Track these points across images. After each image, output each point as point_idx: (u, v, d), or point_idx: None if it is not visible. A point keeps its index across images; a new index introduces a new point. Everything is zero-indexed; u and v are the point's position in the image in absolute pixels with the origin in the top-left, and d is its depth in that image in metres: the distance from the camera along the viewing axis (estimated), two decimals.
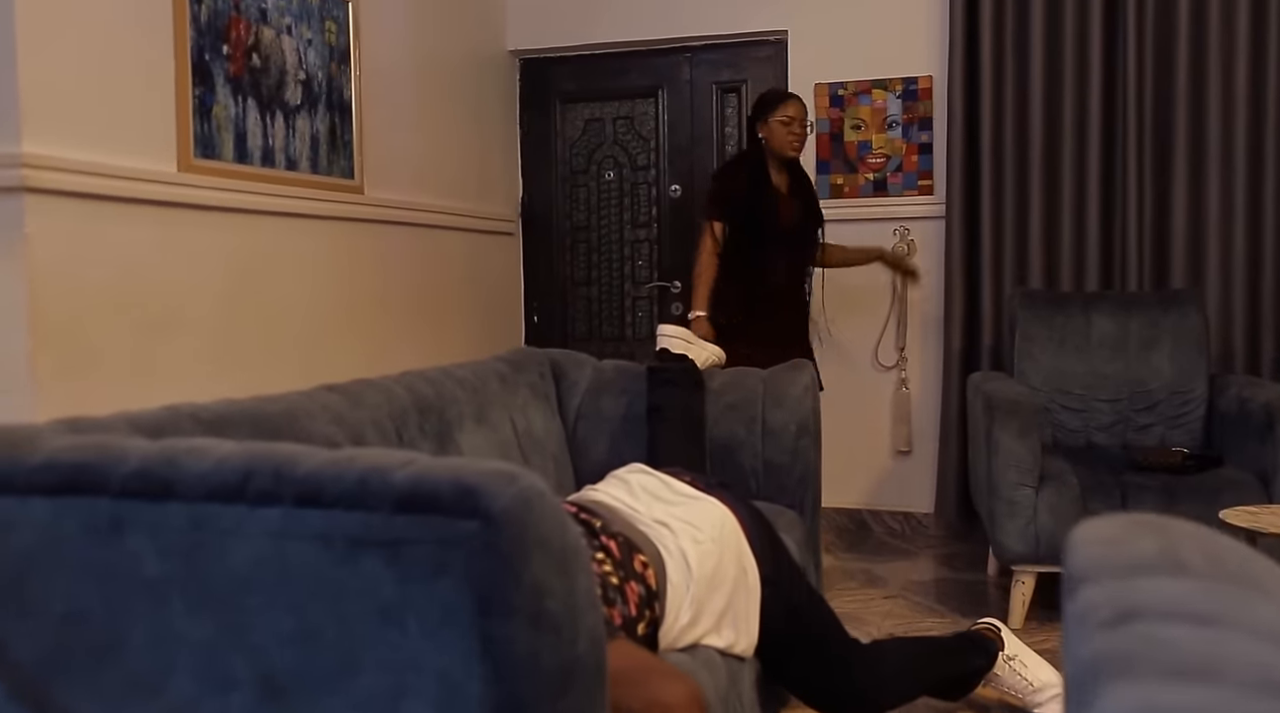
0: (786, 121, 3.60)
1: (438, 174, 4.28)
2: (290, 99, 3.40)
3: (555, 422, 2.88)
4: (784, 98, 3.66)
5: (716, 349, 2.98)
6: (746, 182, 3.62)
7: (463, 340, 4.42)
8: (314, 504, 1.17)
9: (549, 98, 4.91)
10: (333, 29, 3.61)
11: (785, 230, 3.60)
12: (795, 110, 3.62)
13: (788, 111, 3.60)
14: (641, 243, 4.85)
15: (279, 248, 3.32)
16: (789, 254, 3.65)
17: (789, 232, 3.61)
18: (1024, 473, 3.14)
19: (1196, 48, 3.95)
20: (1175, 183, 3.98)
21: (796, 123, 3.61)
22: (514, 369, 2.83)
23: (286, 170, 3.39)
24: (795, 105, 3.62)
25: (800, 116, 3.63)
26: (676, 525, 1.91)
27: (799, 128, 3.61)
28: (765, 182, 3.62)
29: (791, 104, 3.62)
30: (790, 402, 2.79)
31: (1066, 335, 3.73)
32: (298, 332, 3.38)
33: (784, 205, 3.62)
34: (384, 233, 3.87)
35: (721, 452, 2.80)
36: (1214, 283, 3.93)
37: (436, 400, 2.38)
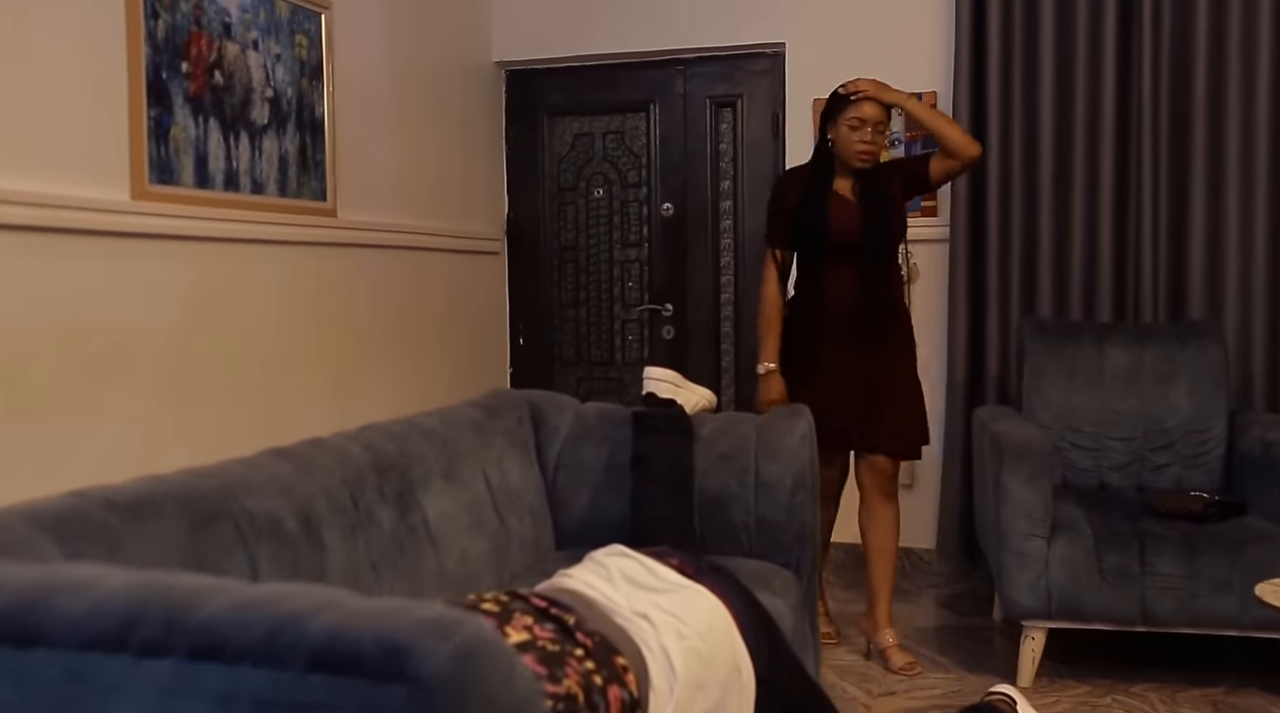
0: (855, 125, 3.12)
1: (417, 193, 4.08)
2: (256, 118, 3.20)
3: (533, 472, 2.68)
4: (852, 97, 3.15)
5: (708, 392, 2.77)
6: (800, 192, 3.22)
7: (445, 367, 4.22)
8: (213, 658, 0.98)
9: (536, 111, 4.71)
10: (304, 43, 3.41)
11: (841, 242, 3.14)
12: (868, 112, 3.11)
13: (859, 113, 3.12)
14: (632, 263, 4.65)
15: (243, 277, 3.11)
16: (856, 271, 3.15)
17: (847, 243, 3.13)
18: (1035, 523, 2.94)
19: (1215, 63, 3.76)
20: (1192, 206, 3.79)
21: (869, 127, 3.11)
22: (489, 415, 2.63)
23: (252, 194, 3.19)
24: (869, 106, 3.11)
25: (875, 119, 3.12)
26: (659, 619, 1.71)
27: (871, 134, 3.12)
28: (822, 190, 3.18)
29: (864, 105, 3.11)
30: (785, 453, 2.60)
31: (1077, 368, 3.53)
32: (263, 367, 3.18)
33: (839, 213, 3.15)
34: (359, 257, 3.67)
35: (712, 505, 2.60)
36: (1233, 313, 3.74)
37: (399, 458, 2.18)
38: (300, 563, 1.77)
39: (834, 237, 3.14)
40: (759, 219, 4.44)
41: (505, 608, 1.59)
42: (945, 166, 3.16)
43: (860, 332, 3.16)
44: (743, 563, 2.51)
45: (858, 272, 3.16)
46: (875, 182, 3.18)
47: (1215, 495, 3.16)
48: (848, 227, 3.14)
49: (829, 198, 3.17)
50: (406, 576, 2.08)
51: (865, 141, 3.12)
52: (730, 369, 4.57)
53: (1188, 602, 2.86)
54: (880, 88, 3.14)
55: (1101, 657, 3.21)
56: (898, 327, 3.25)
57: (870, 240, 3.15)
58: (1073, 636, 3.10)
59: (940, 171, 3.18)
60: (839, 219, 3.15)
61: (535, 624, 1.56)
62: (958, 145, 3.10)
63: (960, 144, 3.10)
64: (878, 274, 3.18)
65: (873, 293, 3.17)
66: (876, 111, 3.13)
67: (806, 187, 3.21)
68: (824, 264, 3.20)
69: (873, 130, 3.13)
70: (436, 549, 2.20)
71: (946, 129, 3.14)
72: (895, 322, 3.24)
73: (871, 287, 3.17)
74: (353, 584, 1.90)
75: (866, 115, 3.11)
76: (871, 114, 3.12)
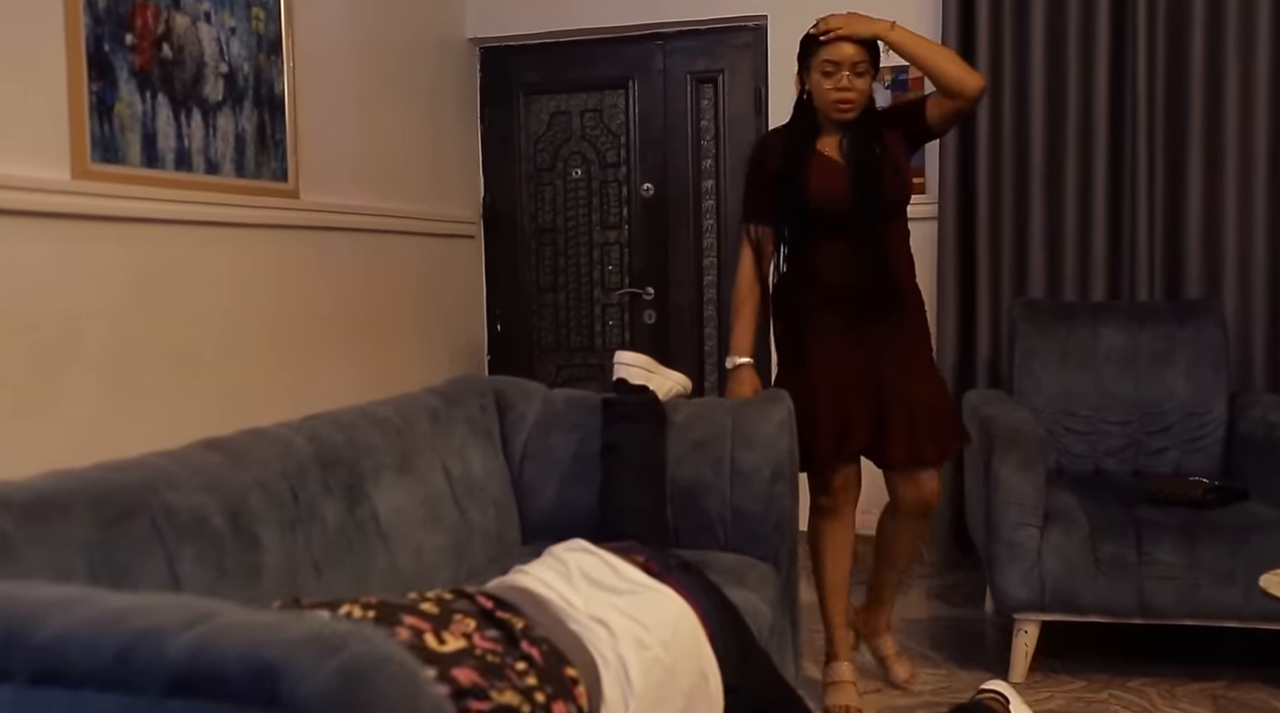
0: (829, 70, 2.60)
1: (386, 174, 3.93)
2: (210, 95, 3.05)
3: (498, 462, 2.55)
4: (826, 37, 2.62)
5: (682, 377, 2.63)
6: (779, 156, 2.72)
7: (417, 356, 4.08)
8: (56, 682, 0.84)
9: (511, 89, 4.56)
10: (260, 16, 3.25)
11: (825, 210, 2.64)
12: (844, 52, 2.57)
13: (831, 54, 2.59)
14: (612, 246, 4.50)
15: (197, 261, 2.97)
16: (847, 243, 2.65)
17: (833, 211, 2.63)
18: (1027, 511, 2.81)
19: (1212, 31, 3.61)
20: (1189, 181, 3.65)
21: (844, 71, 2.58)
22: (449, 403, 2.49)
23: (206, 174, 3.03)
24: (844, 45, 2.58)
25: (851, 59, 2.57)
26: (619, 625, 1.58)
27: (849, 78, 2.58)
28: (801, 151, 2.68)
29: (835, 45, 2.59)
30: (763, 441, 2.46)
31: (1071, 350, 3.40)
32: (220, 356, 3.03)
33: (822, 176, 2.64)
34: (323, 240, 3.52)
35: (685, 496, 2.46)
36: (1232, 292, 3.60)
37: (348, 449, 2.04)
38: (228, 563, 1.63)
39: (815, 203, 2.64)
40: (742, 198, 4.31)
41: (446, 610, 1.45)
42: (944, 108, 2.64)
43: (857, 318, 2.67)
44: (718, 557, 2.39)
45: (849, 245, 2.64)
46: (866, 135, 2.67)
47: (1215, 481, 3.03)
48: (832, 191, 2.63)
49: (810, 159, 2.67)
50: (353, 573, 1.95)
51: (842, 88, 2.59)
52: (713, 354, 4.43)
53: (1187, 593, 2.73)
54: (852, 20, 2.59)
55: (1097, 650, 3.08)
56: (906, 311, 2.72)
57: (861, 206, 2.62)
58: (1067, 628, 2.97)
59: (939, 115, 2.66)
60: (822, 182, 2.64)
61: (477, 630, 1.42)
62: (955, 81, 2.57)
63: (957, 79, 2.57)
64: (874, 247, 2.65)
65: (870, 270, 2.64)
66: (853, 51, 2.59)
67: (783, 148, 2.72)
68: (811, 238, 2.71)
69: (850, 73, 2.59)
70: (387, 545, 2.06)
71: (940, 63, 2.59)
72: (901, 305, 2.70)
73: (867, 263, 2.64)
74: (291, 584, 1.77)
75: (841, 56, 2.59)
76: (848, 54, 2.59)
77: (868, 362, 2.67)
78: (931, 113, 2.67)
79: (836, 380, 2.67)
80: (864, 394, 2.67)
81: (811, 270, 2.73)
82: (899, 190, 2.70)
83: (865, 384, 2.67)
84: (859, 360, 2.67)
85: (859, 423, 2.67)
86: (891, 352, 2.68)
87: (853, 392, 2.67)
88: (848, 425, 2.66)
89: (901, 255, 2.74)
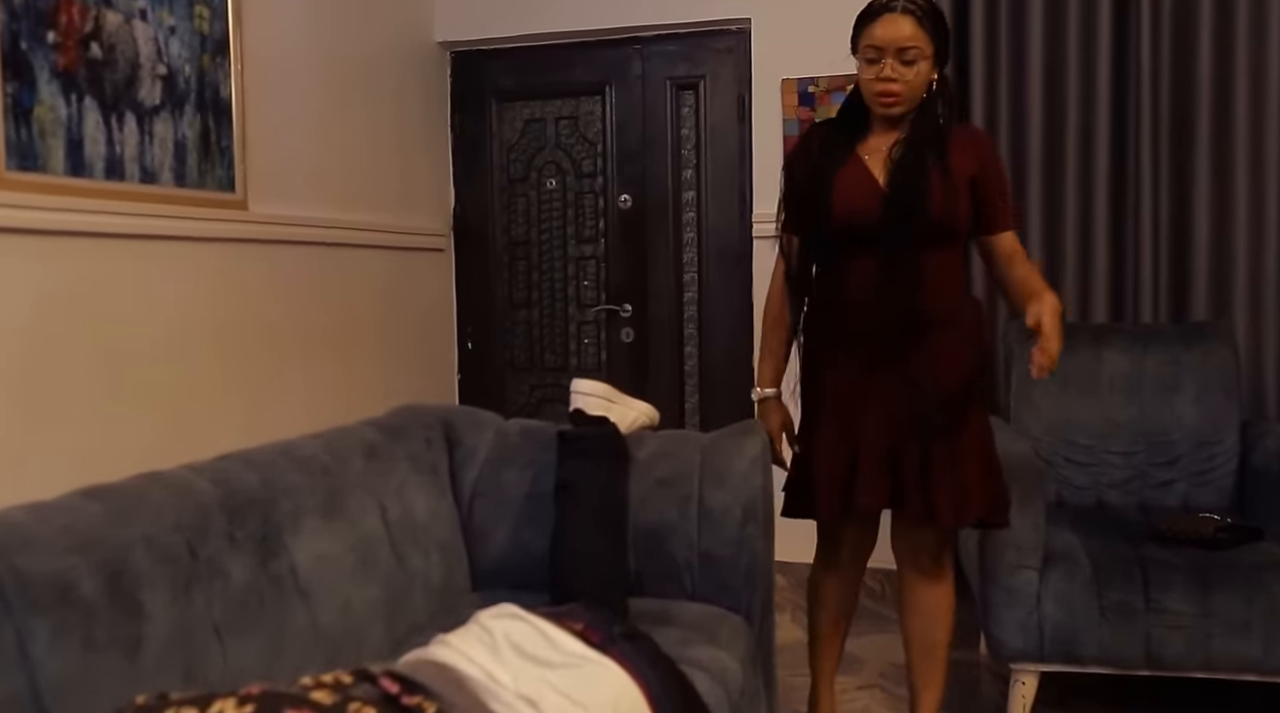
0: (872, 57, 2.20)
1: (348, 184, 3.71)
2: (146, 98, 2.82)
3: (445, 501, 2.32)
4: (875, 12, 2.20)
5: (647, 408, 2.40)
6: (815, 155, 2.33)
7: (381, 377, 3.86)
8: None
9: (483, 96, 4.34)
10: (204, 15, 3.03)
11: (849, 226, 2.23)
12: (888, 33, 2.16)
13: (873, 36, 2.19)
14: (588, 260, 4.28)
15: (130, 277, 2.74)
16: (876, 268, 2.23)
17: (858, 228, 2.23)
18: (1025, 553, 2.58)
19: (1221, 32, 3.40)
20: (1196, 195, 3.43)
21: (888, 57, 2.18)
22: (390, 437, 2.26)
23: (142, 184, 2.81)
24: (890, 22, 2.16)
25: (898, 41, 2.16)
26: (552, 704, 1.36)
27: (892, 65, 2.17)
28: (838, 152, 2.29)
29: (883, 21, 2.17)
30: (734, 478, 2.23)
31: (1072, 375, 3.18)
32: (158, 380, 2.81)
33: (851, 184, 2.24)
34: (274, 255, 3.30)
35: (648, 539, 2.24)
36: (1242, 313, 3.39)
37: (262, 493, 1.82)
38: (99, 636, 1.40)
39: (839, 217, 2.24)
40: (724, 211, 4.10)
41: (342, 698, 1.23)
42: (986, 256, 2.36)
43: (880, 355, 2.26)
44: (684, 607, 2.17)
45: (878, 270, 2.23)
46: (924, 142, 2.22)
47: (1226, 518, 2.81)
48: (861, 204, 2.22)
49: (845, 163, 2.27)
50: (265, 637, 1.72)
51: (885, 77, 2.18)
52: (694, 374, 4.21)
53: (1199, 643, 2.50)
54: (1055, 333, 2.04)
55: (1101, 701, 2.85)
56: (946, 352, 2.25)
57: (893, 225, 2.19)
58: (1069, 676, 2.74)
59: (981, 247, 2.36)
60: (849, 193, 2.24)
61: None
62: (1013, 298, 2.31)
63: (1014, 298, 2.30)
64: (908, 276, 2.21)
65: (900, 302, 2.22)
66: (908, 29, 2.15)
67: (819, 146, 2.34)
68: (840, 257, 2.31)
69: (895, 60, 2.17)
70: (308, 602, 1.83)
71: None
72: (940, 345, 2.25)
73: (897, 293, 2.22)
74: (184, 654, 1.54)
75: (885, 38, 2.16)
76: (896, 35, 2.15)
77: (891, 404, 2.26)
78: (986, 239, 2.32)
79: (849, 423, 2.29)
80: (880, 442, 2.27)
81: (839, 294, 2.32)
82: (949, 215, 2.21)
83: (884, 429, 2.27)
84: (880, 402, 2.26)
85: (872, 476, 2.27)
86: (923, 395, 2.24)
87: (869, 438, 2.27)
88: (858, 479, 2.28)
89: (944, 284, 2.26)
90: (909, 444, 2.26)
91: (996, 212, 2.30)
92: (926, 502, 2.25)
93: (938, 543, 2.38)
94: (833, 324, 2.35)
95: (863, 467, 2.28)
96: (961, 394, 2.27)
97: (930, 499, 2.24)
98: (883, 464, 2.28)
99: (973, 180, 2.26)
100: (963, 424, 2.26)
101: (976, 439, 2.28)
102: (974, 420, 2.29)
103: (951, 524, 2.28)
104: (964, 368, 2.28)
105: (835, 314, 2.34)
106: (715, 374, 4.15)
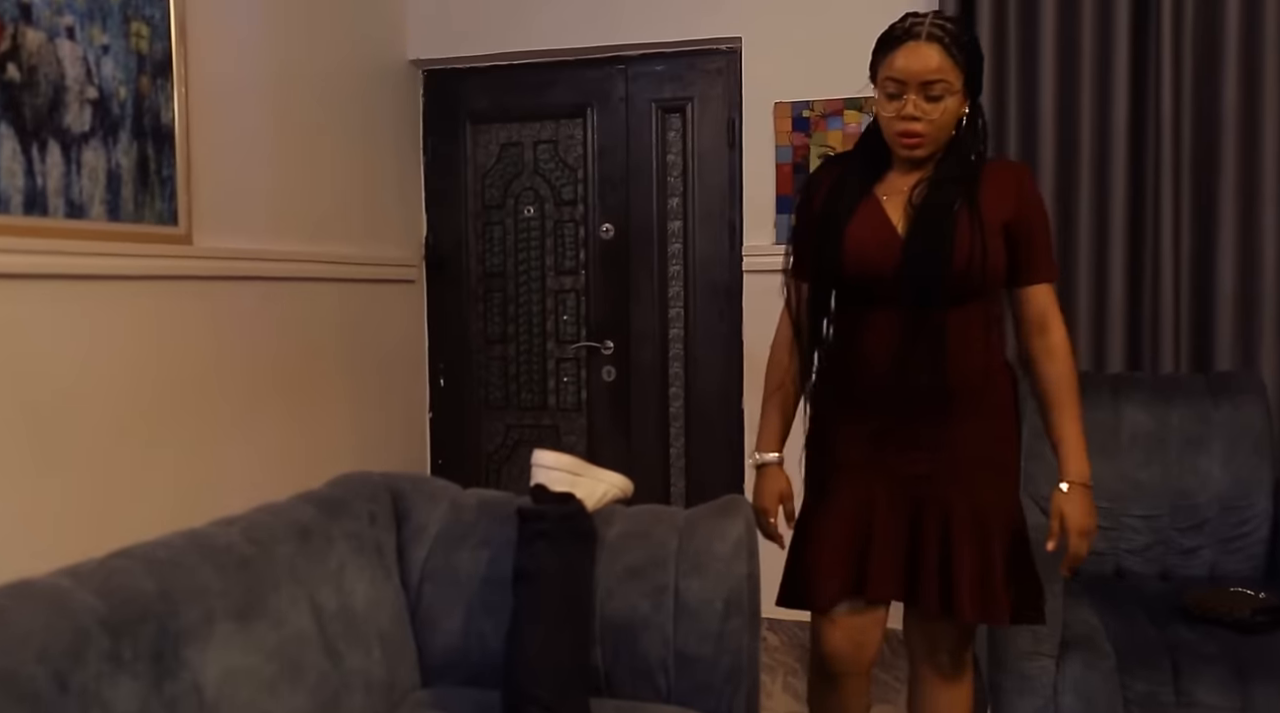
0: (892, 91, 1.93)
1: (309, 213, 3.44)
2: (72, 124, 2.56)
3: (390, 586, 2.05)
4: (897, 38, 1.91)
5: (618, 479, 2.10)
6: (829, 191, 2.07)
7: (346, 420, 3.59)
8: None
9: (457, 117, 4.09)
10: (143, 33, 2.77)
11: (862, 277, 1.99)
12: (909, 64, 1.89)
13: (894, 69, 1.90)
14: (567, 293, 4.02)
15: (50, 324, 2.47)
16: (899, 323, 1.97)
17: (872, 279, 1.98)
18: (1040, 638, 2.33)
19: (1248, 60, 3.16)
20: (1220, 234, 3.18)
21: (911, 92, 1.90)
22: (328, 514, 1.99)
23: (68, 219, 2.55)
24: (913, 52, 1.88)
25: (922, 75, 1.88)
26: None
27: (915, 102, 1.90)
28: (853, 192, 2.02)
29: (905, 50, 1.89)
30: (715, 565, 1.97)
31: (1089, 430, 2.86)
32: (82, 436, 2.54)
33: (865, 230, 1.98)
34: (223, 292, 3.03)
35: (618, 634, 1.97)
36: (1270, 362, 3.13)
37: (159, 601, 1.55)
38: None
39: (851, 269, 1.99)
40: (712, 242, 3.85)
41: None
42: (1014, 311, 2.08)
43: (898, 425, 2.00)
44: (658, 710, 1.91)
45: (896, 328, 1.97)
46: (951, 184, 1.95)
47: (1261, 592, 2.55)
48: (875, 254, 1.96)
49: (860, 205, 2.01)
50: None
51: (906, 115, 1.91)
52: (680, 416, 3.95)
53: None
54: (1084, 533, 1.96)
55: None
56: (973, 425, 2.00)
57: (911, 280, 1.93)
58: None
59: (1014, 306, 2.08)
60: (862, 241, 1.97)
61: None
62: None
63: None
64: (930, 336, 1.94)
65: (921, 366, 1.95)
66: (933, 61, 1.87)
67: (831, 185, 2.07)
68: (855, 311, 2.05)
69: (918, 95, 1.90)
70: None
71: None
72: (967, 417, 1.99)
73: (918, 356, 1.95)
74: None
75: (907, 70, 1.89)
76: (917, 67, 1.88)
77: (908, 482, 2.00)
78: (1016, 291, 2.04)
79: (860, 501, 2.03)
80: (895, 524, 2.01)
81: (853, 354, 2.05)
82: (978, 267, 1.92)
83: (900, 510, 2.01)
84: (896, 479, 2.01)
85: (885, 563, 2.02)
86: (944, 471, 1.99)
87: (881, 519, 2.02)
88: (869, 564, 2.02)
89: (974, 347, 1.98)
90: (928, 528, 1.99)
91: (1028, 259, 2.01)
92: (945, 594, 1.98)
93: (958, 640, 2.10)
94: (845, 387, 2.07)
95: (874, 551, 2.02)
96: (990, 474, 2.02)
97: (951, 591, 1.97)
98: (898, 549, 2.02)
99: (1007, 224, 1.98)
100: (991, 507, 2.00)
101: (1006, 524, 2.00)
102: (1004, 503, 2.02)
103: (974, 620, 2.00)
104: (994, 444, 2.03)
105: (848, 376, 2.07)
106: (703, 416, 3.90)
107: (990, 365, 2.03)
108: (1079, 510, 1.96)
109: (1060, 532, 1.97)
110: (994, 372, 2.03)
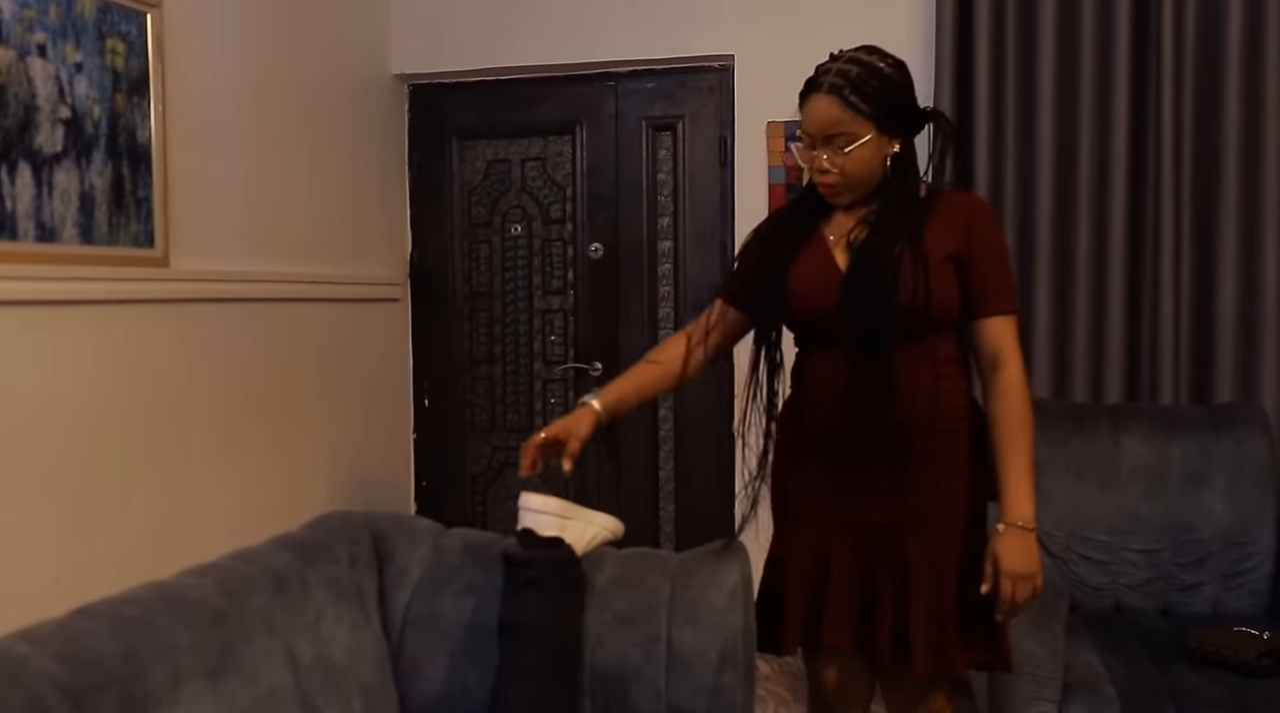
0: (807, 142, 1.96)
1: (290, 232, 3.36)
2: (44, 145, 2.47)
3: (370, 633, 1.97)
4: (804, 90, 1.95)
5: (608, 521, 2.02)
6: (775, 231, 2.09)
7: (329, 442, 3.50)
8: None
9: (443, 134, 4.01)
10: (119, 50, 2.69)
11: (807, 316, 2.00)
12: (808, 119, 1.93)
13: (803, 121, 1.95)
14: (555, 313, 3.95)
15: (18, 351, 2.38)
16: (847, 364, 1.94)
17: (816, 318, 1.98)
18: (1041, 683, 2.26)
19: (1249, 83, 3.11)
20: (1221, 262, 3.14)
21: (818, 145, 1.93)
22: (305, 559, 1.91)
23: (38, 243, 2.46)
24: (811, 105, 1.91)
25: (822, 127, 1.90)
26: None
27: (823, 152, 1.92)
28: (798, 232, 2.03)
29: (808, 104, 1.92)
30: (710, 615, 1.90)
31: (1087, 463, 2.86)
32: (51, 467, 2.45)
33: (810, 269, 1.98)
34: (201, 314, 2.94)
35: (607, 686, 1.90)
36: (1272, 394, 3.07)
37: (123, 662, 1.47)
38: None
39: (796, 305, 1.99)
40: (704, 263, 3.78)
41: None
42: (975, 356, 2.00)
43: (852, 468, 1.97)
44: None
45: (846, 368, 1.95)
46: (892, 225, 1.93)
47: (1266, 633, 2.49)
48: (819, 294, 1.96)
49: (806, 245, 2.00)
50: None
51: (819, 169, 1.93)
52: (669, 439, 3.87)
53: None
54: (1021, 580, 1.86)
55: None
56: (929, 469, 1.95)
57: (853, 319, 1.92)
58: None
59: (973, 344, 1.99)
60: (806, 281, 1.97)
61: None
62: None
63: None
64: (880, 376, 1.90)
65: (871, 406, 1.90)
66: (827, 114, 1.89)
67: (777, 224, 2.11)
68: (806, 352, 2.07)
69: (823, 147, 1.92)
70: None
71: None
72: (924, 460, 1.94)
73: (868, 396, 1.91)
74: None
75: (808, 124, 1.93)
76: (814, 120, 1.91)
77: (863, 528, 1.97)
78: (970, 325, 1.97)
79: (818, 545, 2.01)
80: (849, 572, 1.98)
81: (805, 393, 2.05)
82: (924, 302, 1.88)
83: (855, 556, 1.98)
84: (851, 525, 1.98)
85: (838, 610, 1.98)
86: (901, 519, 1.95)
87: (838, 565, 1.99)
88: (824, 611, 1.99)
89: (927, 385, 1.93)
90: (883, 578, 1.96)
91: (980, 292, 1.95)
92: (900, 645, 1.93)
93: (919, 694, 2.04)
94: (800, 428, 2.05)
95: (829, 598, 1.99)
96: (949, 521, 1.97)
97: (906, 642, 1.92)
98: (852, 597, 1.98)
99: (955, 257, 1.93)
100: (948, 556, 1.95)
101: (964, 573, 1.94)
102: (964, 550, 1.96)
103: (927, 672, 1.93)
104: (952, 489, 1.97)
105: (802, 416, 2.05)
106: (693, 439, 3.82)
107: (944, 406, 1.97)
108: (1012, 553, 1.87)
109: (993, 575, 1.89)
110: (950, 413, 1.97)
